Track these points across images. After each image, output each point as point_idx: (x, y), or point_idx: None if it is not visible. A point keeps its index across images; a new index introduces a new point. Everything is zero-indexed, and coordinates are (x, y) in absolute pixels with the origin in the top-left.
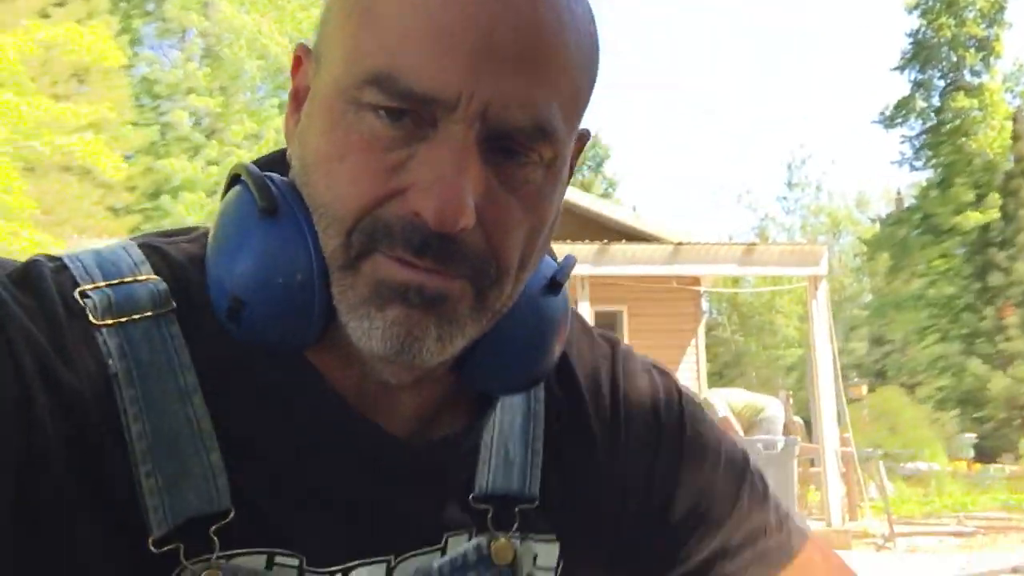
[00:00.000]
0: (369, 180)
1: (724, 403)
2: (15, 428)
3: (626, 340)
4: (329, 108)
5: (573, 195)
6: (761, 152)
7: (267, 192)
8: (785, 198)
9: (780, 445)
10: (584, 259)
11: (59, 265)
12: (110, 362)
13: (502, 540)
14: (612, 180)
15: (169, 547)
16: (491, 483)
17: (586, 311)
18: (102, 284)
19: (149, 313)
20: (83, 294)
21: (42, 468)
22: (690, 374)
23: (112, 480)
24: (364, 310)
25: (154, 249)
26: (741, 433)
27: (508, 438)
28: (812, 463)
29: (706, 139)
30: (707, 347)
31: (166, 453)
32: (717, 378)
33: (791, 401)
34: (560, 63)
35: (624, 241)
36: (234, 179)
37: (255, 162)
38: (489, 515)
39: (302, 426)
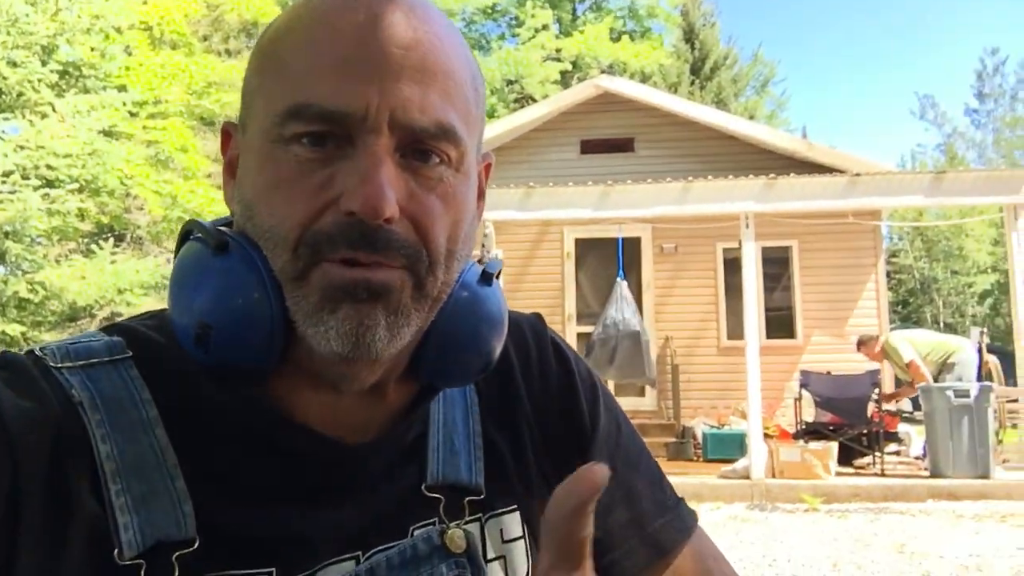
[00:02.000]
0: (304, 199)
1: (909, 346)
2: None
3: (796, 277)
4: (259, 152)
5: (735, 123)
6: (946, 61)
7: (218, 233)
8: (975, 111)
9: (974, 392)
10: (747, 195)
11: (28, 349)
12: (73, 392)
13: (454, 529)
14: (781, 100)
15: (134, 562)
16: (440, 473)
17: (751, 250)
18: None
19: (106, 359)
20: (43, 350)
21: (18, 491)
22: (869, 312)
23: (81, 496)
24: (317, 316)
25: (111, 325)
26: (930, 379)
27: (452, 431)
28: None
29: (882, 48)
30: (888, 275)
31: (134, 475)
32: (901, 308)
33: (985, 338)
34: (446, 74)
35: (793, 174)
36: (186, 234)
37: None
38: (441, 505)
39: (261, 448)
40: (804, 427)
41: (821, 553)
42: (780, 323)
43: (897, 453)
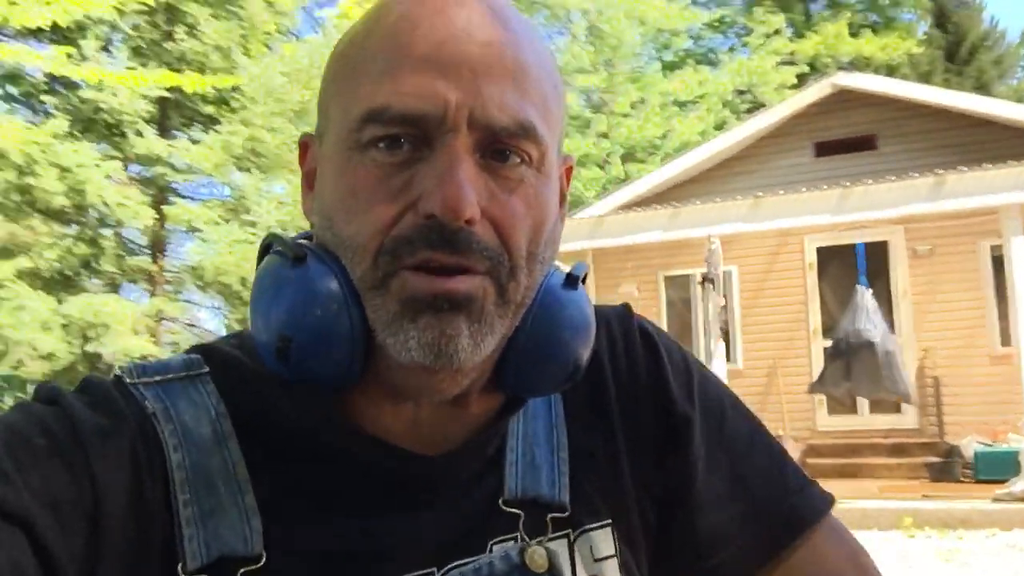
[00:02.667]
0: (382, 204)
1: None
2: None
3: None
4: (337, 160)
5: (996, 106)
6: None
7: (295, 246)
8: None
9: None
10: (1011, 185)
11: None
12: (147, 403)
13: (535, 547)
14: None
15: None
16: (520, 487)
17: (1020, 246)
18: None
19: (182, 374)
20: (121, 369)
21: (99, 508)
22: None
23: (152, 506)
24: (397, 324)
25: (194, 346)
26: None
27: (533, 443)
28: None
29: None
30: None
31: (204, 487)
32: None
33: None
34: (524, 71)
35: None
36: (266, 248)
37: None
38: (521, 520)
39: (335, 462)
40: None
41: None
42: None
43: None
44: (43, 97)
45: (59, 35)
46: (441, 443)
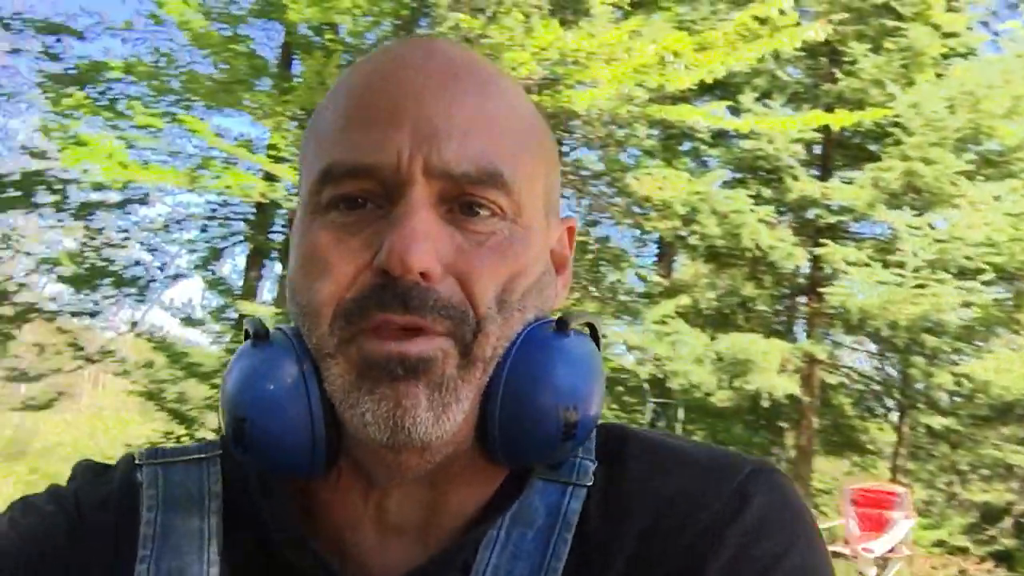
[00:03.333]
0: (339, 266)
1: None
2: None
3: None
4: (301, 227)
5: None
6: None
7: (259, 325)
8: None
9: None
10: None
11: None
12: (138, 475)
13: None
14: None
15: None
16: None
17: None
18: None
19: (193, 456)
20: (140, 452)
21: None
22: None
23: (114, 567)
24: (353, 395)
25: None
26: None
27: (512, 557)
28: None
29: None
30: None
31: (169, 550)
32: None
33: None
34: (491, 120)
35: None
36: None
37: None
38: None
39: (277, 566)
40: None
41: None
42: None
43: None
44: (706, 149)
45: (722, 90)
46: (415, 538)
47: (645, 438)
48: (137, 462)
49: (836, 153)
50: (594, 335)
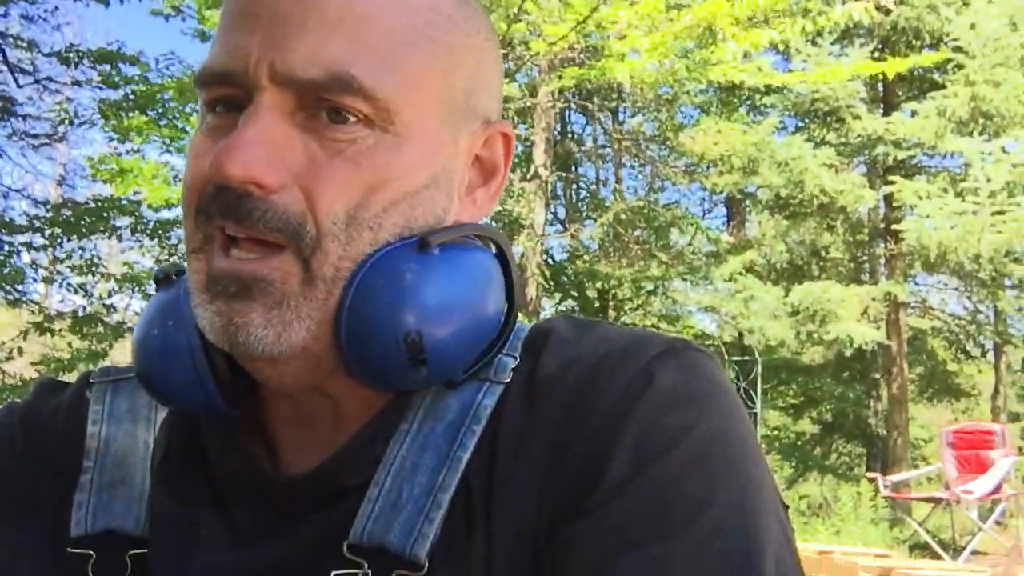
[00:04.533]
0: (197, 167)
1: None
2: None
3: None
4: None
5: None
6: None
7: (164, 269)
8: None
9: None
10: None
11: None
12: (87, 392)
13: None
14: None
15: (82, 551)
16: (366, 531)
17: None
18: None
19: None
20: (92, 372)
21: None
22: None
23: (57, 480)
24: (199, 299)
25: None
26: None
27: (407, 477)
28: None
29: None
30: None
31: (112, 461)
32: None
33: None
34: (359, 19)
35: None
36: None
37: None
38: (361, 573)
39: (210, 476)
40: None
41: None
42: None
43: None
44: (761, 99)
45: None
46: (324, 433)
47: (565, 331)
48: (91, 380)
49: (897, 87)
50: (501, 254)
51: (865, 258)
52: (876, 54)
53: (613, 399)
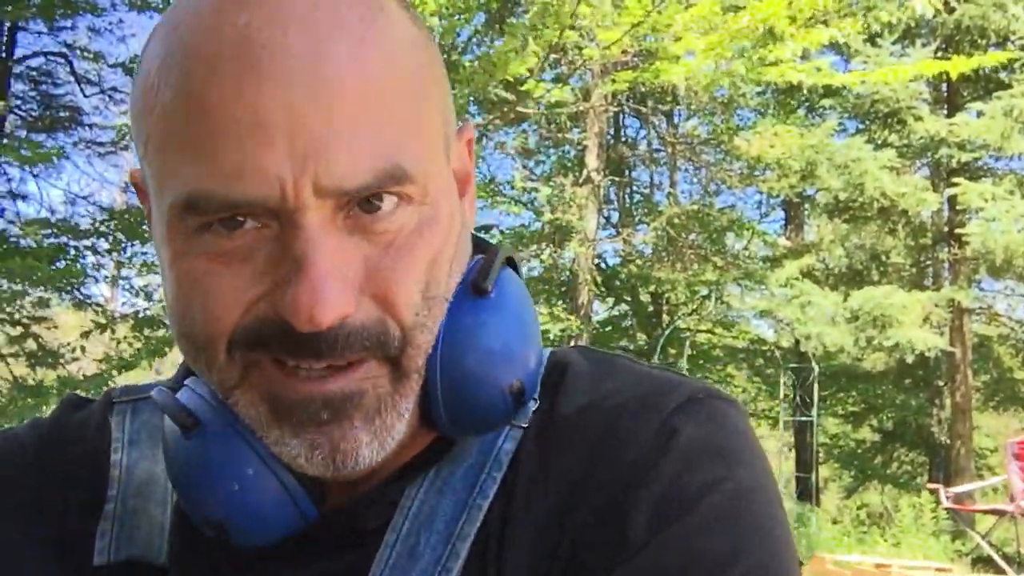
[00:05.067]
0: (228, 298)
1: None
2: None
3: None
4: (167, 246)
5: None
6: None
7: (180, 409)
8: None
9: None
10: None
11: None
12: (111, 417)
13: None
14: None
15: None
16: None
17: None
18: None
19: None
20: (117, 389)
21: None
22: None
23: (80, 506)
24: (276, 433)
25: None
26: None
27: (424, 523)
28: None
29: None
30: None
31: (135, 489)
32: None
33: None
34: (376, 95)
35: None
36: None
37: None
38: None
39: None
40: None
41: None
42: None
43: None
44: (819, 100)
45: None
46: (348, 486)
47: (582, 370)
48: (113, 400)
49: (962, 87)
50: (513, 266)
51: (928, 263)
52: (939, 54)
53: (634, 454)
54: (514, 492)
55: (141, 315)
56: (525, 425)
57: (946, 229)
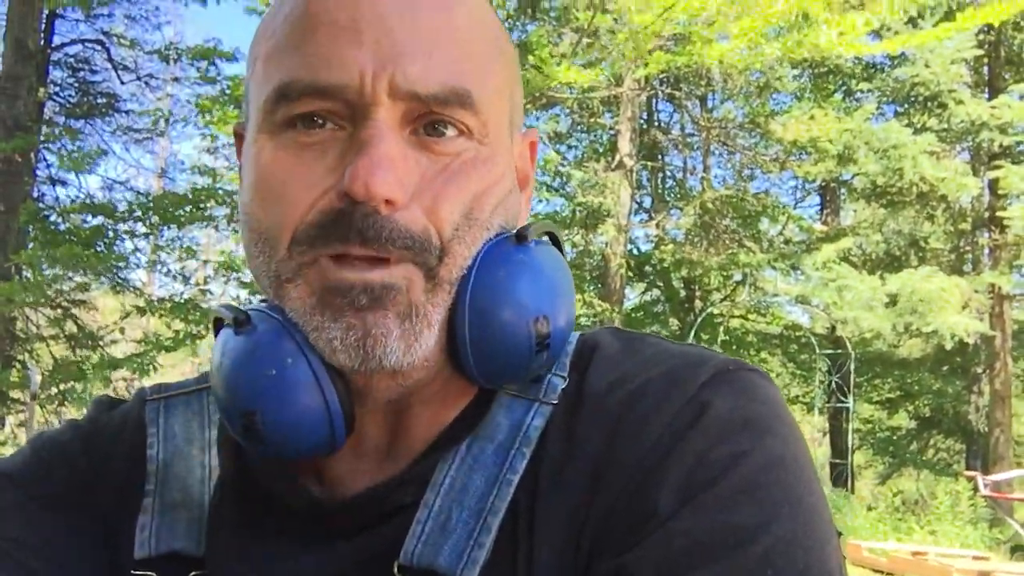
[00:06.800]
0: (298, 189)
1: None
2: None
3: None
4: (254, 148)
5: None
6: None
7: (236, 310)
8: None
9: None
10: None
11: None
12: (143, 411)
13: None
14: None
15: (144, 573)
16: (417, 553)
17: None
18: None
19: (191, 388)
20: (146, 389)
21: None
22: None
23: (119, 501)
24: (317, 319)
25: None
26: None
27: (456, 499)
28: None
29: None
30: None
31: (173, 482)
32: None
33: None
34: (455, 34)
35: None
36: (217, 326)
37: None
38: None
39: (265, 497)
40: None
41: None
42: None
43: None
44: (857, 84)
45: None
46: (379, 459)
47: (611, 348)
48: (146, 398)
49: (1003, 70)
50: (556, 244)
51: (967, 248)
52: (980, 36)
53: (663, 428)
54: (543, 468)
55: (178, 299)
56: (555, 402)
57: (987, 214)
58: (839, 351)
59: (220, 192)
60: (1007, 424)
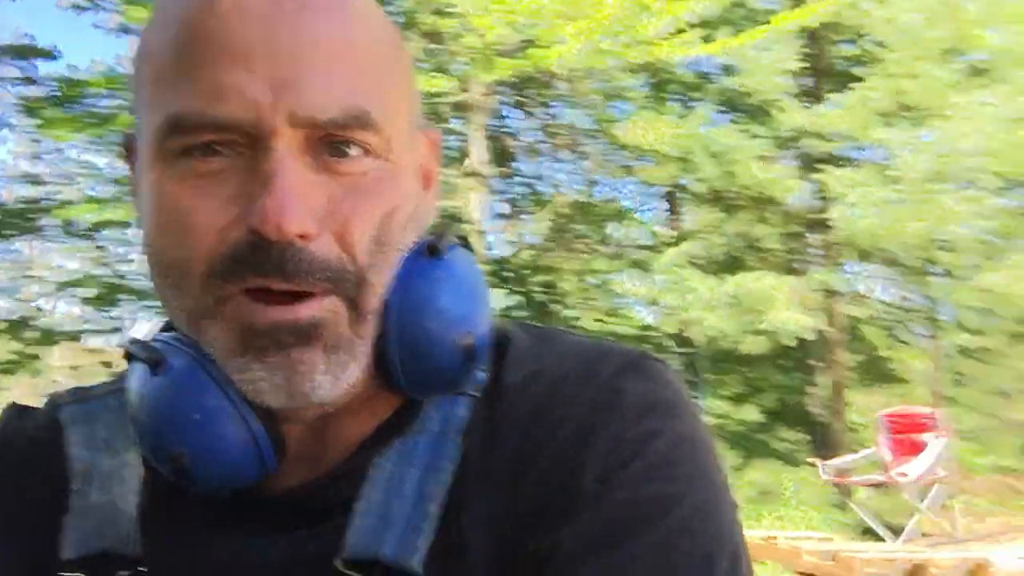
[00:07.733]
0: (205, 219)
1: None
2: None
3: None
4: (148, 175)
5: None
6: None
7: (149, 348)
8: None
9: None
10: None
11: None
12: (60, 415)
13: None
14: None
15: (72, 574)
16: (359, 545)
17: None
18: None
19: (110, 389)
20: (57, 395)
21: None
22: None
23: (40, 506)
24: (240, 361)
25: None
26: None
27: (395, 491)
28: None
29: None
30: None
31: (99, 482)
32: None
33: None
34: (352, 47)
35: None
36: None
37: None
38: None
39: (199, 496)
40: None
41: None
42: None
43: None
44: (691, 93)
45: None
46: (311, 463)
47: (524, 342)
48: (61, 402)
49: (824, 82)
50: (465, 245)
51: (799, 249)
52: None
53: (581, 414)
54: (469, 457)
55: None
56: (477, 394)
57: (815, 216)
58: (688, 350)
59: (50, 201)
60: (842, 413)
